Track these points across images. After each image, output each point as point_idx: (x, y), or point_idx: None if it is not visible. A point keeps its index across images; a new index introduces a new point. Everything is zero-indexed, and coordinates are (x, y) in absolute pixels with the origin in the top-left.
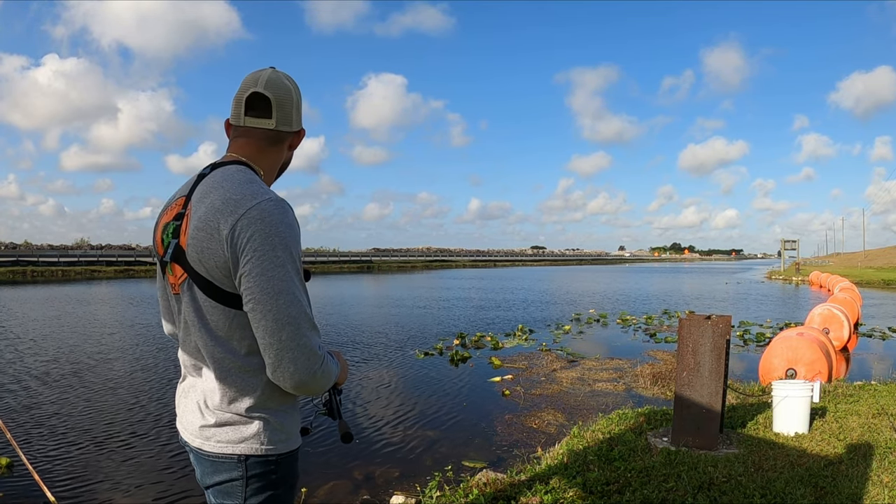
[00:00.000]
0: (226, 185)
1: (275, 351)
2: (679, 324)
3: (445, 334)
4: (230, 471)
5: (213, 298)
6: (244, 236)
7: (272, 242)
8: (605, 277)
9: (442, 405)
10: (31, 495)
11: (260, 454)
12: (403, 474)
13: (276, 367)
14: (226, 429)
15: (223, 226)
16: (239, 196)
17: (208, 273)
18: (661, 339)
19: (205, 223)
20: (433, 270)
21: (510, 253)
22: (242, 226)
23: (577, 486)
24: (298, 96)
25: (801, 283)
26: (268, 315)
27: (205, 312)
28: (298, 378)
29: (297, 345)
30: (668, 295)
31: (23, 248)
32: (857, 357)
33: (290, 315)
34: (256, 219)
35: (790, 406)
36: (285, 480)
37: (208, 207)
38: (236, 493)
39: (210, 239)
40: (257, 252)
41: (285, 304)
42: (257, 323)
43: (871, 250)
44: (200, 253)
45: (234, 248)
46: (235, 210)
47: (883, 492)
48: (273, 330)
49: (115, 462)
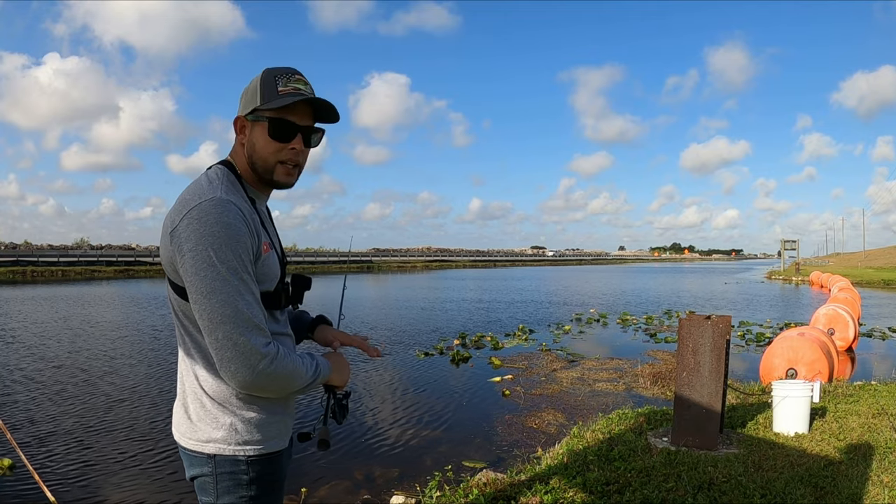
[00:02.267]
0: (190, 186)
1: (215, 350)
2: (679, 324)
3: (445, 334)
4: (201, 466)
5: (175, 291)
6: (182, 236)
7: (204, 242)
8: (605, 277)
9: (442, 405)
10: (32, 495)
11: (227, 454)
12: (403, 474)
13: (220, 366)
14: (198, 426)
15: (170, 225)
16: (189, 196)
17: (166, 269)
18: (661, 339)
19: (164, 224)
20: (433, 271)
21: (510, 253)
22: (182, 226)
23: (577, 486)
24: (259, 82)
25: (802, 283)
26: (203, 315)
27: (175, 307)
28: (241, 378)
29: (234, 344)
30: (668, 295)
31: (23, 248)
32: (858, 357)
33: (224, 314)
34: (194, 219)
35: (790, 406)
36: (261, 482)
37: (170, 209)
38: (209, 489)
39: (165, 237)
40: (191, 252)
41: (218, 303)
42: (199, 323)
43: (871, 250)
44: (162, 251)
45: (176, 247)
46: (181, 211)
47: (883, 492)
48: (209, 329)
49: (115, 462)
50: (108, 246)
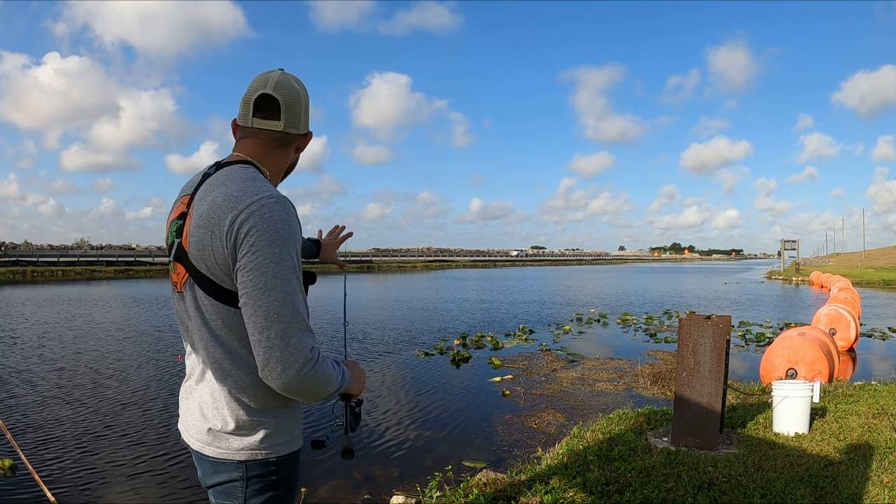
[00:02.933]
0: (229, 182)
1: (263, 349)
2: (679, 324)
3: (446, 334)
4: (230, 472)
5: (214, 297)
6: (243, 231)
7: (270, 238)
8: (605, 278)
9: (442, 405)
10: (32, 496)
11: (260, 458)
12: (403, 474)
13: (265, 365)
14: (226, 435)
15: (223, 221)
16: (240, 193)
17: (209, 271)
18: (661, 339)
19: (206, 220)
20: (433, 271)
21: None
22: (241, 220)
23: (577, 486)
24: (307, 99)
25: (802, 283)
26: (258, 311)
27: (205, 312)
28: (286, 379)
29: (286, 344)
30: (667, 295)
31: (23, 248)
32: (859, 357)
33: (281, 313)
34: (256, 214)
35: (790, 406)
36: (286, 481)
37: (210, 204)
38: (236, 494)
39: (211, 236)
40: (254, 247)
41: (277, 301)
42: (248, 319)
43: (871, 250)
44: (202, 251)
45: (234, 242)
46: (236, 205)
47: (883, 492)
48: (262, 327)
49: (115, 463)
50: (108, 246)
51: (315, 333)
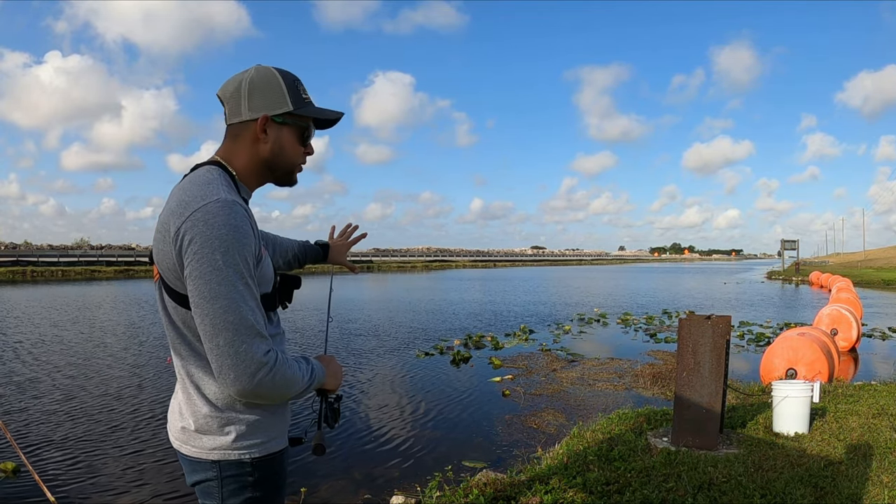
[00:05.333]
0: (186, 186)
1: (215, 357)
2: (679, 324)
3: (446, 334)
4: (205, 471)
5: (174, 300)
6: (187, 238)
7: (212, 245)
8: (605, 278)
9: (442, 405)
10: (32, 496)
11: (232, 458)
12: (403, 474)
13: (219, 373)
14: (199, 434)
15: (172, 228)
16: (190, 198)
17: (165, 275)
18: (661, 339)
19: (161, 225)
20: (433, 271)
21: (510, 253)
22: (186, 228)
23: (577, 486)
24: (255, 82)
25: (801, 283)
26: (205, 319)
27: (170, 312)
28: (240, 386)
29: (235, 351)
30: (667, 295)
31: (23, 248)
32: (861, 357)
33: (227, 321)
34: (200, 221)
35: (790, 406)
36: (266, 483)
37: (166, 210)
38: (213, 493)
39: (164, 241)
40: (197, 255)
41: (221, 309)
42: (198, 327)
43: (870, 250)
44: (158, 255)
45: (180, 250)
46: (184, 212)
47: (883, 492)
48: (211, 335)
49: (116, 463)
50: (108, 246)
51: (269, 338)
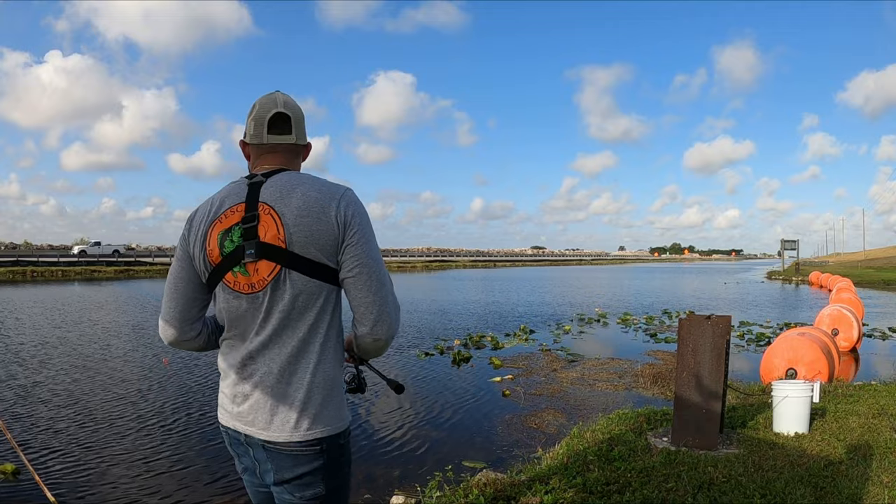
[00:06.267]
0: (306, 181)
1: (377, 307)
2: (679, 324)
3: (446, 335)
4: (311, 461)
5: (316, 277)
6: (349, 213)
7: (366, 220)
8: (605, 278)
9: (442, 405)
10: (32, 496)
11: (337, 432)
12: (403, 474)
13: (377, 321)
14: (316, 414)
15: (329, 207)
16: (328, 186)
17: (320, 252)
18: (661, 339)
19: (308, 210)
20: (433, 271)
21: (510, 253)
22: (345, 206)
23: (577, 486)
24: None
25: (801, 283)
26: (373, 276)
27: (298, 295)
28: (393, 331)
29: (394, 300)
30: (667, 295)
31: (23, 248)
32: (862, 357)
33: (387, 277)
34: (353, 201)
35: (790, 406)
36: (350, 456)
37: (304, 198)
38: (316, 482)
39: (319, 221)
40: (361, 226)
41: (383, 269)
42: (362, 284)
43: (870, 250)
44: (309, 237)
45: (343, 222)
46: (334, 195)
47: (883, 492)
48: (377, 289)
49: (116, 464)
50: (108, 246)
51: None
